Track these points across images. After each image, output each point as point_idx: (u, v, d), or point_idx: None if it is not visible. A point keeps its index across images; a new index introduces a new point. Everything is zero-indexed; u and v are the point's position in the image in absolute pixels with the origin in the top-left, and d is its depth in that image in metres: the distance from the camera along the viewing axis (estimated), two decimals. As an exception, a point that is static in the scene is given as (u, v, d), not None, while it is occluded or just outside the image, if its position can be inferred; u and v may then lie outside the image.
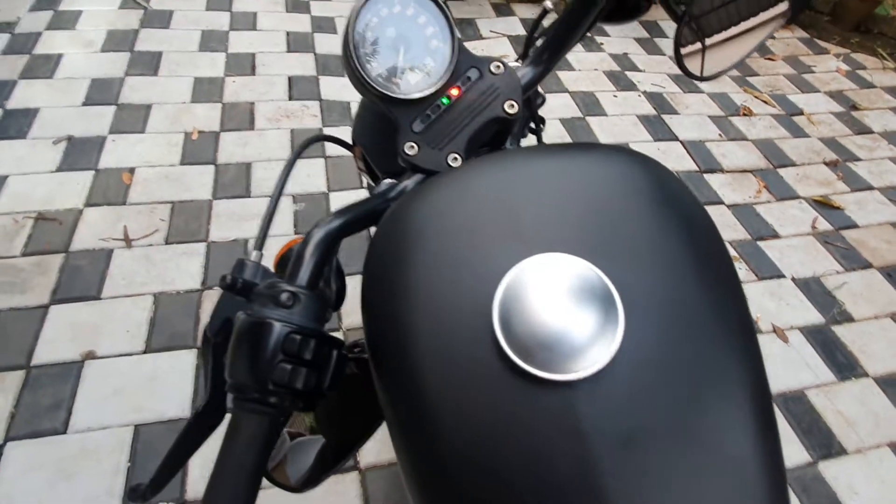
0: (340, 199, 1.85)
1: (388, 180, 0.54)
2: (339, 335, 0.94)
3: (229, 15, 2.66)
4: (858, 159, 2.42)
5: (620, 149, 0.48)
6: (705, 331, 0.38)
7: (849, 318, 1.75)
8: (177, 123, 2.03)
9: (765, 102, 2.69)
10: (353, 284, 0.48)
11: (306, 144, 0.63)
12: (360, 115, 0.80)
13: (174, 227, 1.68)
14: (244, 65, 2.37)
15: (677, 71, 2.51)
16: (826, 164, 2.37)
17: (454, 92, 0.52)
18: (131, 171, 1.82)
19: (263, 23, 2.64)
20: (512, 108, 0.53)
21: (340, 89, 2.32)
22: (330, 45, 2.57)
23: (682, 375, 0.36)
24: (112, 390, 1.29)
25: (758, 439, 0.36)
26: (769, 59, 3.06)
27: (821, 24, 3.48)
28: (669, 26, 3.10)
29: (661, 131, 2.37)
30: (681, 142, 2.34)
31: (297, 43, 2.55)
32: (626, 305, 0.36)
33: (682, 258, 0.40)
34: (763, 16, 0.69)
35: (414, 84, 0.52)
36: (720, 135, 2.42)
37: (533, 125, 0.74)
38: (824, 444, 1.43)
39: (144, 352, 1.38)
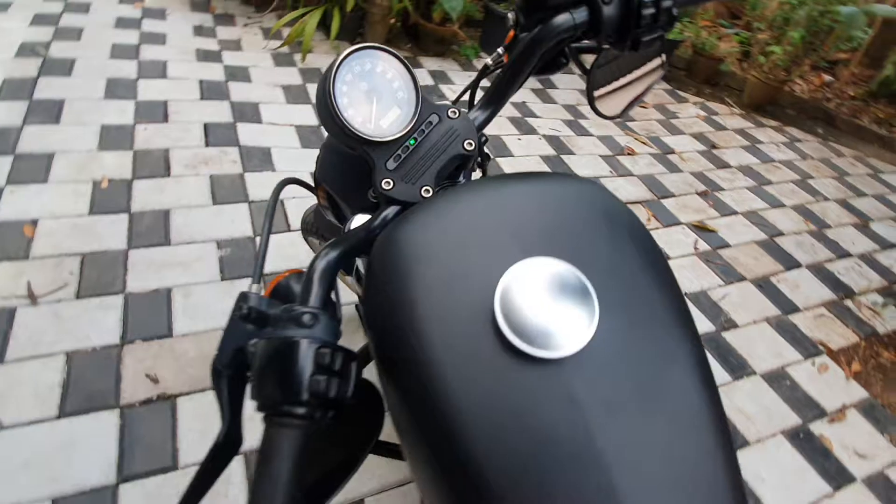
0: (270, 247, 1.77)
1: (360, 215, 0.58)
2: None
3: (136, 63, 2.52)
4: (723, 189, 2.73)
5: (568, 175, 0.56)
6: (659, 316, 0.46)
7: (734, 325, 1.93)
8: (84, 172, 1.87)
9: (643, 143, 2.97)
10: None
11: (281, 187, 0.69)
12: (323, 157, 0.81)
13: (86, 279, 1.52)
14: (156, 112, 2.24)
15: (570, 116, 2.72)
16: (698, 194, 2.65)
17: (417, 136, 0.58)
18: (33, 222, 1.63)
19: (174, 71, 2.53)
20: (470, 145, 0.59)
21: (259, 136, 2.27)
22: (245, 92, 2.51)
23: (645, 352, 0.44)
24: (23, 461, 1.11)
25: (704, 398, 0.44)
26: (642, 106, 3.40)
27: (680, 78, 3.95)
28: (559, 79, 3.37)
29: (561, 169, 2.54)
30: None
31: (210, 91, 2.46)
32: (599, 298, 0.43)
33: (636, 260, 0.49)
34: (645, 68, 0.83)
35: (386, 128, 0.57)
36: (611, 171, 2.64)
37: (480, 160, 0.78)
38: (731, 432, 1.55)
39: (58, 417, 1.21)
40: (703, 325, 1.90)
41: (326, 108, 0.55)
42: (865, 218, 2.79)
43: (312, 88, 2.67)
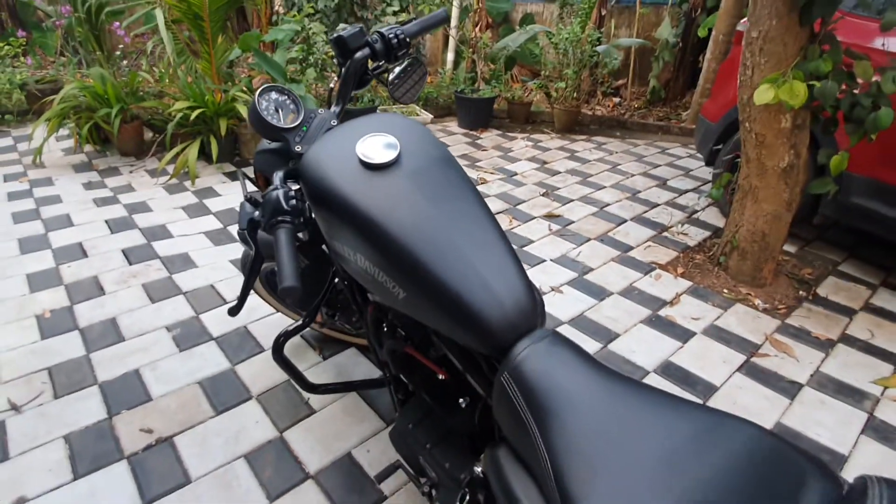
0: (211, 319, 2.03)
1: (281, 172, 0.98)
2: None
3: (40, 222, 2.71)
4: (559, 188, 3.41)
5: (398, 115, 0.99)
6: (449, 168, 0.91)
7: (591, 269, 2.48)
8: (24, 311, 2.02)
9: (492, 174, 3.62)
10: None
11: (243, 175, 1.11)
12: (257, 159, 1.19)
13: (58, 384, 1.69)
14: (74, 252, 2.44)
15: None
16: (542, 195, 3.29)
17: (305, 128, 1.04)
18: (-8, 357, 1.77)
19: (78, 219, 2.75)
20: (334, 123, 1.06)
21: (174, 247, 2.53)
22: (150, 219, 2.78)
23: (441, 177, 0.89)
24: (56, 513, 1.27)
25: (485, 210, 0.87)
26: (483, 150, 4.11)
27: (506, 124, 4.80)
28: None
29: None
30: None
31: (118, 225, 2.71)
32: (402, 148, 0.89)
33: (432, 145, 0.94)
34: (416, 75, 1.31)
35: (290, 123, 1.03)
36: (473, 197, 3.20)
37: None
38: (604, 334, 2.02)
39: (74, 479, 1.37)
40: (570, 275, 2.41)
41: (258, 118, 0.99)
42: (663, 179, 3.60)
43: (210, 203, 3.00)
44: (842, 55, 1.77)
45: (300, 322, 1.30)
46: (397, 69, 1.15)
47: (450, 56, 5.20)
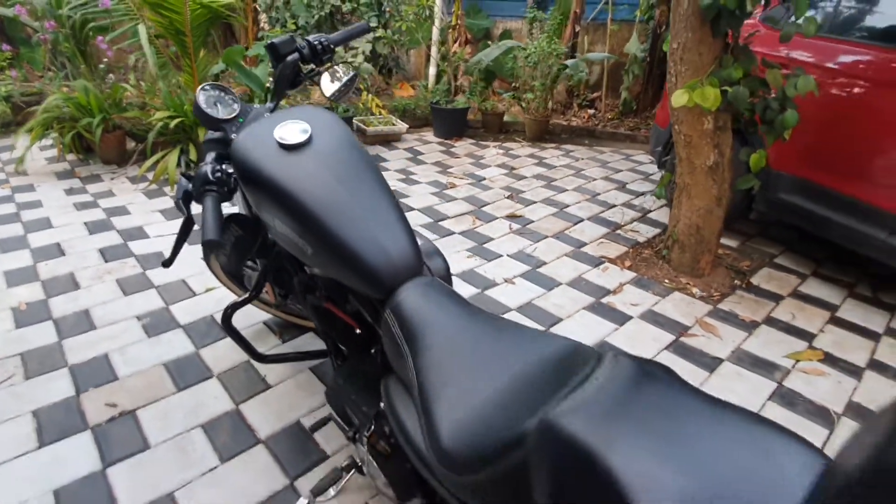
0: (180, 310, 2.15)
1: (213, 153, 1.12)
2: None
3: (20, 224, 2.82)
4: (524, 191, 3.57)
5: (318, 109, 1.14)
6: (352, 150, 1.05)
7: (544, 263, 2.62)
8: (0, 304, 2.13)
9: (462, 179, 3.78)
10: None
11: (206, 142, 1.21)
12: (205, 142, 1.32)
13: (30, 368, 1.80)
14: (52, 251, 2.55)
15: (403, 176, 3.43)
16: (507, 198, 3.45)
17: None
18: (-32, 343, 1.87)
19: (58, 221, 2.86)
20: (269, 113, 1.19)
21: (150, 246, 2.65)
22: (128, 222, 2.90)
23: (347, 157, 1.03)
24: (22, 477, 1.37)
25: (383, 184, 1.02)
26: (456, 157, 4.28)
27: (480, 134, 4.98)
28: (389, 155, 4.14)
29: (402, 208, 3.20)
30: (417, 209, 3.19)
31: (96, 227, 2.82)
32: (313, 131, 1.03)
33: (341, 131, 1.08)
34: (345, 77, 1.46)
35: (228, 114, 1.16)
36: (440, 199, 3.36)
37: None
38: (548, 319, 2.16)
39: (39, 447, 1.48)
40: (524, 268, 2.56)
41: (199, 111, 1.14)
42: (623, 182, 3.78)
43: (186, 205, 3.13)
44: (753, 63, 1.95)
45: (247, 295, 1.43)
46: (337, 82, 1.32)
47: (432, 70, 5.40)
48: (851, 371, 1.88)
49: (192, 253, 2.58)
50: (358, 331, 1.11)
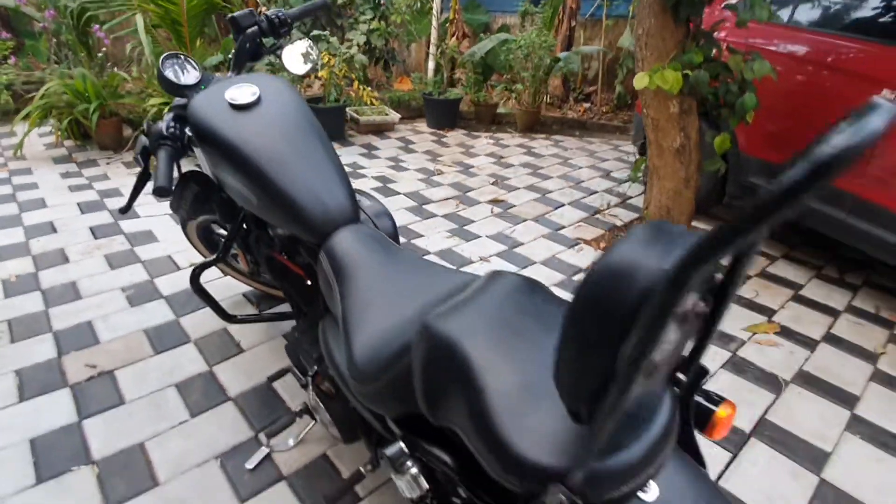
0: (164, 282, 2.23)
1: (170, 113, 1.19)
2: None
3: (16, 204, 2.91)
4: (509, 178, 3.63)
5: (272, 77, 1.21)
6: (302, 115, 1.12)
7: (521, 244, 2.68)
8: (-8, 275, 2.22)
9: (450, 167, 3.84)
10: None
11: (170, 108, 1.27)
12: (170, 107, 1.40)
13: (16, 332, 1.88)
14: (44, 229, 2.64)
15: (392, 163, 3.51)
16: (492, 184, 3.51)
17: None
18: (-41, 309, 1.96)
19: (52, 201, 2.95)
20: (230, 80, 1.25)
21: (140, 225, 2.74)
22: (120, 203, 2.98)
23: (295, 120, 1.10)
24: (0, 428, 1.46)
25: (329, 146, 1.09)
26: (446, 147, 4.34)
27: (472, 125, 5.04)
28: (380, 143, 4.21)
29: (388, 192, 3.27)
30: (403, 194, 3.26)
31: (89, 207, 2.91)
32: (262, 94, 1.10)
33: (290, 98, 1.15)
34: (308, 51, 1.53)
35: (191, 80, 1.22)
36: (426, 185, 3.42)
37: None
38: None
39: (20, 401, 1.56)
40: (500, 247, 2.62)
41: (162, 77, 1.20)
42: (607, 171, 3.83)
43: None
44: (714, 48, 2.00)
45: (213, 257, 1.51)
46: (310, 63, 1.40)
47: (430, 64, 5.48)
48: (806, 343, 1.93)
49: (179, 231, 2.66)
50: (309, 282, 1.18)
